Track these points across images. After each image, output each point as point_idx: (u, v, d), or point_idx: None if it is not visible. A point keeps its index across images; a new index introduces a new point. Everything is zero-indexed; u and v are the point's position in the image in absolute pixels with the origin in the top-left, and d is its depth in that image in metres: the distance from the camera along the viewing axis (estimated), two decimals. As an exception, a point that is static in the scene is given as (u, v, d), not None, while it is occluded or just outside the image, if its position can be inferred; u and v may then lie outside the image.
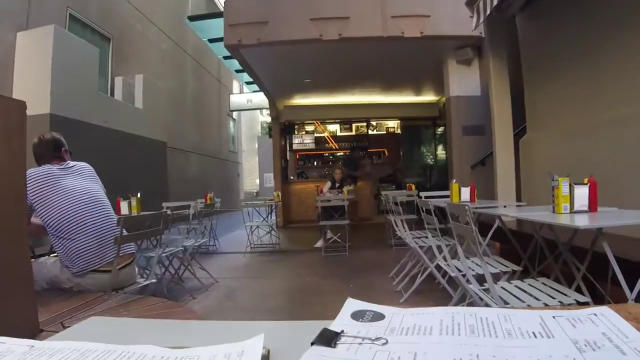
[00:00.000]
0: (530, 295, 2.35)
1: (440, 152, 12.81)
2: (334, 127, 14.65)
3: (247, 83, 17.02)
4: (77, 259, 2.47)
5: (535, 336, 0.40)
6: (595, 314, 0.44)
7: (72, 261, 2.48)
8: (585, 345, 0.37)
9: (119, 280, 2.60)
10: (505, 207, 4.28)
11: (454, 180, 4.61)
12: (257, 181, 23.97)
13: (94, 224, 2.56)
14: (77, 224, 2.49)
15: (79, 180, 2.67)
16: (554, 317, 0.44)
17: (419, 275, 4.22)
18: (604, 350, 0.36)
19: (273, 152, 12.39)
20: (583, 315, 0.44)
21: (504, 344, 0.40)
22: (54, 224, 2.45)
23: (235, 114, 20.81)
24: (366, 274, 5.51)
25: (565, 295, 2.30)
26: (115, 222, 2.74)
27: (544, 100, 5.70)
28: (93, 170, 2.88)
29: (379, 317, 0.59)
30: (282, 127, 12.87)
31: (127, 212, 4.37)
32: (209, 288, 5.00)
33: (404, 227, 4.77)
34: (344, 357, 0.47)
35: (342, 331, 0.53)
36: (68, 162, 2.73)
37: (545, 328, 0.42)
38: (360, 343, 0.50)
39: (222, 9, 9.47)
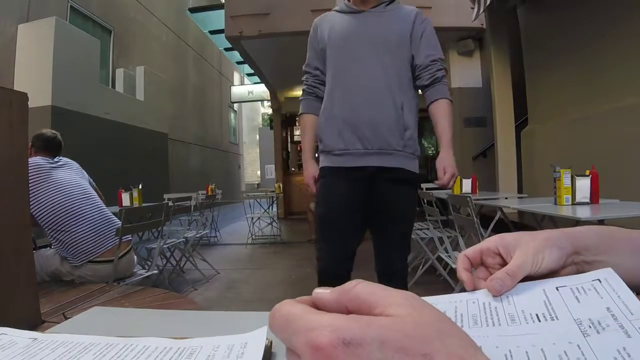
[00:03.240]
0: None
1: (442, 143, 12.78)
2: (336, 119, 14.61)
3: (248, 75, 17.02)
4: (74, 250, 2.48)
5: (539, 320, 0.40)
6: (599, 280, 0.44)
7: (70, 253, 2.48)
8: (590, 327, 0.37)
9: (118, 270, 2.61)
10: (506, 198, 4.29)
11: (456, 172, 4.60)
12: (258, 173, 23.96)
13: (87, 215, 2.56)
14: (70, 217, 2.49)
15: (69, 174, 2.68)
16: (557, 288, 0.44)
17: (420, 267, 4.22)
18: (608, 332, 0.36)
19: (274, 144, 12.37)
20: (587, 283, 0.44)
21: (507, 332, 0.39)
22: (46, 217, 2.45)
23: (236, 106, 20.79)
24: (367, 265, 5.51)
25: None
26: (108, 212, 2.75)
27: (545, 91, 5.69)
28: (79, 166, 2.87)
29: (381, 308, 0.58)
30: (283, 118, 12.84)
31: (128, 204, 4.38)
32: (211, 279, 5.02)
33: (405, 219, 4.77)
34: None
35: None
36: (57, 157, 2.72)
37: (549, 307, 0.42)
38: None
39: (223, 1, 9.43)
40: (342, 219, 2.06)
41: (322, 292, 0.33)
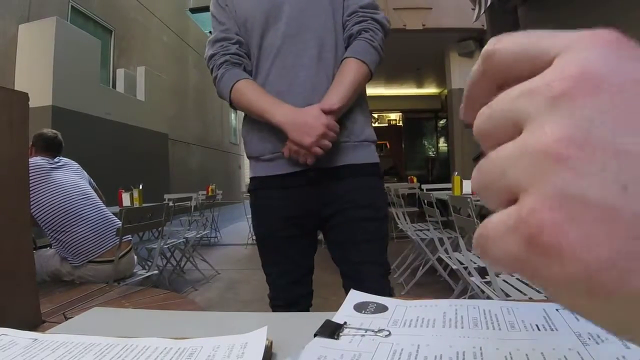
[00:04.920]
0: (532, 288, 2.35)
1: (442, 144, 12.82)
2: (336, 119, 14.63)
3: (249, 75, 16.98)
4: (74, 251, 2.48)
5: (539, 329, 0.41)
6: None
7: (70, 253, 2.48)
8: (589, 339, 0.38)
9: (118, 270, 2.61)
10: (507, 199, 4.28)
11: (456, 173, 4.61)
12: (259, 173, 23.93)
13: (87, 216, 2.56)
14: (70, 217, 2.50)
15: (69, 174, 2.68)
16: (557, 310, 0.44)
17: (421, 268, 4.22)
18: (608, 343, 0.36)
19: (275, 145, 12.35)
20: None
21: (507, 336, 0.40)
22: (46, 218, 2.45)
23: (236, 106, 20.74)
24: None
25: (567, 288, 2.31)
26: (109, 212, 2.75)
27: (546, 92, 5.69)
28: (80, 166, 2.88)
29: (382, 309, 0.59)
30: (284, 119, 12.80)
31: (129, 204, 4.38)
32: (211, 280, 5.02)
33: (405, 220, 4.78)
34: (346, 349, 0.47)
35: (345, 323, 0.53)
36: (58, 158, 2.73)
37: (549, 321, 0.42)
38: (363, 335, 0.50)
39: (223, 1, 9.42)
40: (286, 241, 1.53)
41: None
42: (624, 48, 0.17)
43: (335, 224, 1.49)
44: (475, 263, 2.91)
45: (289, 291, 1.58)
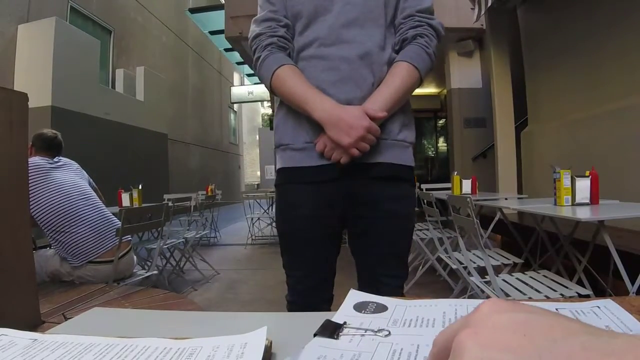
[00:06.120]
0: (532, 287, 2.35)
1: (442, 144, 12.81)
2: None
3: (248, 75, 17.06)
4: (74, 251, 2.48)
5: None
6: (599, 307, 0.44)
7: (70, 254, 2.48)
8: None
9: (118, 270, 2.60)
10: (506, 199, 4.28)
11: (456, 173, 4.60)
12: (258, 173, 23.89)
13: (86, 216, 2.56)
14: (70, 218, 2.49)
15: (68, 174, 2.68)
16: (556, 309, 0.44)
17: (420, 268, 4.22)
18: None
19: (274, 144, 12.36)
20: (586, 308, 0.44)
21: None
22: (45, 218, 2.45)
23: (236, 106, 20.78)
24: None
25: (567, 287, 2.31)
26: (108, 212, 2.75)
27: (545, 92, 5.69)
28: (79, 166, 2.87)
29: (381, 308, 0.59)
30: (283, 119, 12.79)
31: (128, 204, 4.38)
32: (210, 280, 5.01)
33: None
34: (346, 349, 0.47)
35: (345, 323, 0.53)
36: (57, 158, 2.73)
37: None
38: (363, 335, 0.50)
39: (223, 1, 9.42)
40: (310, 241, 1.46)
41: None
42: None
43: (365, 230, 1.45)
44: (474, 263, 2.91)
45: (309, 296, 1.51)
